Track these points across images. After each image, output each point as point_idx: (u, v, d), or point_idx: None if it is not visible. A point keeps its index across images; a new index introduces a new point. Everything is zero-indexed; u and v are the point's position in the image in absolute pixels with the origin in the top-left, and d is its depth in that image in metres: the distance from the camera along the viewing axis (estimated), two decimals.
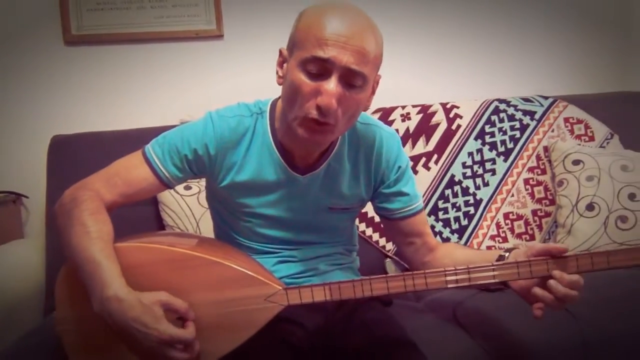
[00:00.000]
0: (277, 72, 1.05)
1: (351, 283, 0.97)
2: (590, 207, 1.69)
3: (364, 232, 1.77)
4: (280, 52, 1.05)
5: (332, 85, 0.95)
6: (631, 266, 0.93)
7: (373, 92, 1.06)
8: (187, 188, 1.65)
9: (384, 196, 1.19)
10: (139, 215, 1.63)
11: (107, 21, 2.01)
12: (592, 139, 1.93)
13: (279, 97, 1.11)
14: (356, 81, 0.97)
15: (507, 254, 1.03)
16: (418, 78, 2.19)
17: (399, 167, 1.18)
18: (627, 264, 0.93)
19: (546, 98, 2.00)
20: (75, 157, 1.73)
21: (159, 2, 2.05)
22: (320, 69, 0.95)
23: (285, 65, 1.03)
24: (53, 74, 1.97)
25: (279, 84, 1.05)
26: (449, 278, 0.96)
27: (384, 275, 0.97)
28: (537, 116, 1.94)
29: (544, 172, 1.88)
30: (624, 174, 1.72)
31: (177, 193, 1.63)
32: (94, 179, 1.08)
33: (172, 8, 2.05)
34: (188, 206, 1.61)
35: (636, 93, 2.14)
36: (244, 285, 0.98)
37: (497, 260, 1.02)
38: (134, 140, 1.60)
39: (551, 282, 0.93)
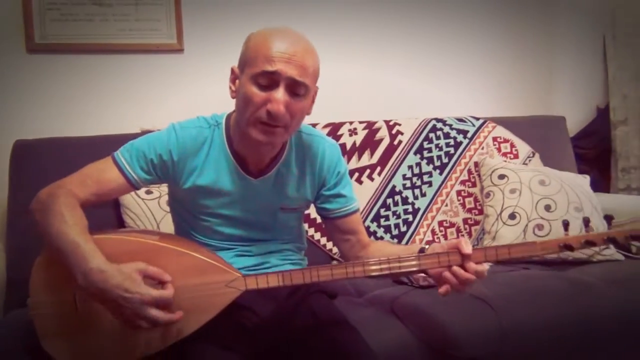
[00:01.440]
0: (230, 88, 1.22)
1: (301, 271, 1.13)
2: (512, 216, 1.90)
3: (312, 236, 1.92)
4: (232, 70, 1.21)
5: (280, 94, 1.11)
6: (526, 257, 1.11)
7: (313, 101, 1.23)
8: (149, 192, 1.74)
9: (324, 197, 1.34)
10: (101, 217, 1.69)
11: (71, 31, 2.06)
12: (516, 156, 2.15)
13: (233, 111, 1.26)
14: (299, 90, 1.13)
15: (427, 247, 1.19)
16: (364, 97, 2.36)
17: (339, 172, 1.34)
18: (523, 255, 1.12)
19: (477, 119, 2.22)
20: (37, 161, 1.79)
21: (122, 16, 2.12)
22: (269, 81, 1.11)
23: (237, 81, 1.19)
24: (15, 81, 2.01)
25: (233, 98, 1.21)
26: (382, 266, 1.12)
27: (329, 265, 1.13)
28: (469, 135, 2.15)
29: (474, 185, 2.09)
30: (541, 187, 1.93)
31: (139, 197, 1.72)
32: (68, 180, 1.19)
33: (134, 22, 2.13)
34: (149, 209, 1.71)
35: (555, 117, 2.40)
36: (207, 272, 1.12)
37: (419, 252, 1.18)
38: (94, 146, 1.71)
39: (455, 268, 1.10)
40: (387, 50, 2.40)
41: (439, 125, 2.16)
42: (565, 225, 1.16)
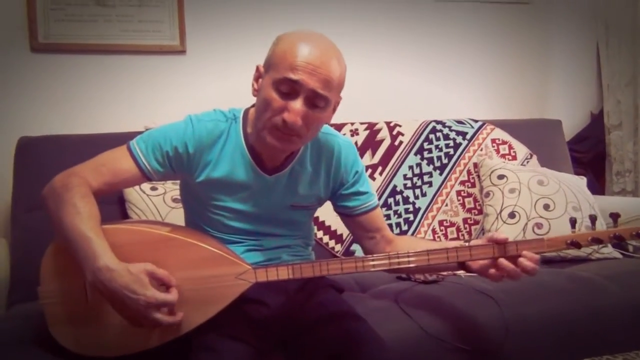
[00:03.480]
0: (252, 85, 1.20)
1: (310, 264, 1.13)
2: (512, 215, 1.92)
3: (321, 239, 1.93)
4: (257, 68, 1.20)
5: (298, 105, 1.10)
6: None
7: (334, 111, 1.22)
8: (154, 189, 1.75)
9: (344, 196, 1.35)
10: (106, 212, 1.70)
11: (74, 31, 2.08)
12: (514, 158, 2.19)
13: (251, 106, 1.26)
14: (319, 103, 1.12)
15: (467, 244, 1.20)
16: (366, 98, 2.37)
17: (356, 171, 1.35)
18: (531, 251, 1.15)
19: (476, 121, 2.25)
20: (41, 158, 1.79)
21: (126, 17, 2.14)
22: (290, 89, 1.10)
23: (260, 80, 1.18)
24: (19, 79, 2.02)
25: (254, 95, 1.20)
26: (392, 260, 1.14)
27: (338, 258, 1.14)
28: (468, 136, 2.19)
29: (473, 185, 2.12)
30: (540, 187, 1.97)
31: (144, 192, 1.73)
32: (82, 168, 1.19)
33: (137, 23, 2.15)
34: (154, 205, 1.72)
35: (551, 120, 2.44)
36: (217, 264, 1.12)
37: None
38: (97, 143, 1.68)
39: (521, 259, 1.13)
40: (389, 53, 2.44)
41: (439, 127, 2.19)
42: (573, 222, 1.17)
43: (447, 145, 2.15)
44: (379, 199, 2.03)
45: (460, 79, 2.54)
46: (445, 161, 2.13)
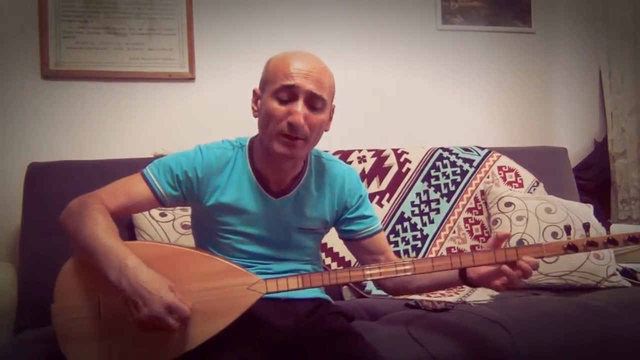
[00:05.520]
0: (252, 108, 1.30)
1: (319, 274, 1.17)
2: (520, 242, 1.92)
3: (323, 261, 1.93)
4: (254, 91, 1.30)
5: (299, 106, 1.19)
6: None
7: (330, 118, 1.30)
8: (163, 215, 1.76)
9: (348, 220, 1.39)
10: None
11: (85, 59, 2.12)
12: (521, 185, 2.19)
13: (256, 135, 1.32)
14: (317, 104, 1.22)
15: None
16: (373, 126, 2.42)
17: (360, 195, 1.41)
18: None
19: (482, 149, 2.27)
20: (50, 183, 1.81)
21: (136, 45, 2.18)
22: (289, 95, 1.20)
23: (259, 101, 1.27)
24: (30, 106, 2.05)
25: (255, 117, 1.28)
26: (398, 268, 1.18)
27: (346, 268, 1.19)
28: (475, 164, 2.20)
29: (480, 212, 2.12)
30: (548, 215, 1.97)
31: (153, 219, 1.74)
32: (98, 191, 1.24)
33: (147, 51, 2.20)
34: (164, 231, 1.72)
35: (557, 148, 2.46)
36: (228, 276, 1.16)
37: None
38: (107, 169, 1.73)
39: (521, 262, 1.17)
40: (395, 81, 2.48)
41: (446, 154, 2.20)
42: (568, 229, 1.26)
43: (454, 173, 2.16)
44: (387, 225, 2.03)
45: (465, 106, 2.57)
46: (452, 188, 2.13)
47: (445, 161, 2.18)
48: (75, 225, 1.15)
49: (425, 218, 2.07)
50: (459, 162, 2.19)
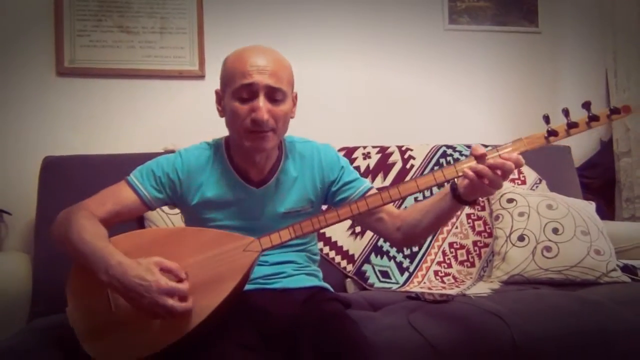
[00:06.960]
0: (217, 109, 1.35)
1: (309, 220, 1.20)
2: (521, 238, 1.95)
3: (327, 254, 1.98)
4: (216, 92, 1.35)
5: (261, 102, 1.23)
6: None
7: (294, 104, 1.35)
8: (173, 207, 1.81)
9: (337, 191, 1.43)
10: (124, 228, 1.76)
11: (99, 57, 2.18)
12: (524, 182, 2.22)
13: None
14: (277, 96, 1.26)
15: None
16: (378, 123, 2.45)
17: (342, 166, 1.44)
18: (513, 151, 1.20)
19: (486, 146, 2.28)
20: (64, 176, 1.87)
21: (148, 43, 2.24)
22: (249, 93, 1.24)
23: (222, 102, 1.32)
24: (45, 102, 2.11)
25: (221, 117, 1.34)
26: (383, 195, 1.20)
27: (334, 208, 1.21)
28: None
29: (483, 209, 2.15)
30: (549, 211, 2.00)
31: (164, 212, 1.79)
32: (86, 201, 1.30)
33: (159, 49, 2.25)
34: (173, 224, 1.77)
35: (560, 146, 2.46)
36: (224, 242, 1.20)
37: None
38: (119, 163, 1.79)
39: (498, 160, 1.18)
40: (401, 79, 2.51)
41: (449, 151, 2.24)
42: (546, 118, 1.24)
43: None
44: None
45: (470, 104, 2.59)
46: None
47: (448, 158, 2.21)
48: (64, 233, 1.20)
49: None
50: (462, 158, 2.20)
